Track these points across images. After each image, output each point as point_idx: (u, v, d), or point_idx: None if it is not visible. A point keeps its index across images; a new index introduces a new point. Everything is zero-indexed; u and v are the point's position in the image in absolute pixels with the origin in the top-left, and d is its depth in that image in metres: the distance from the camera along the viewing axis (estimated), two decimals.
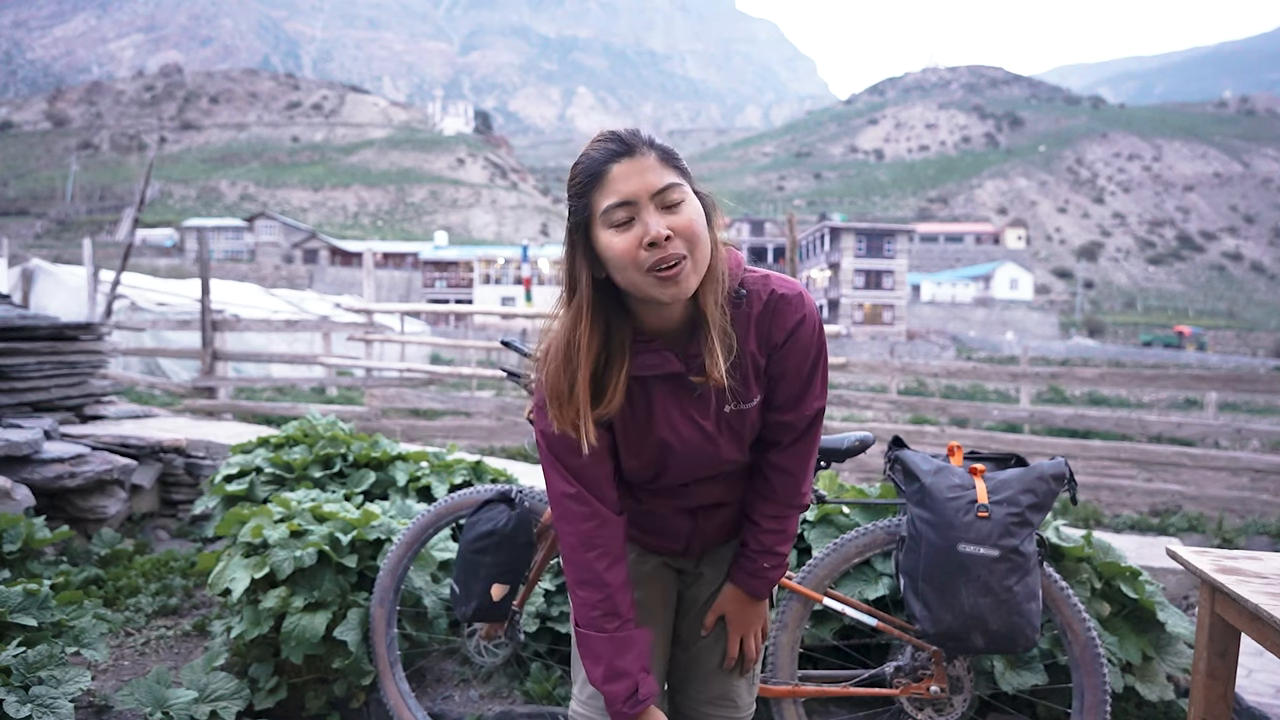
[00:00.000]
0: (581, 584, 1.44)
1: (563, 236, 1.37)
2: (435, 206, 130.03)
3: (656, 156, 1.28)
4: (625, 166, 1.26)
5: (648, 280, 1.27)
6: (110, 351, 6.03)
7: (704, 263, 1.30)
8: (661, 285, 1.26)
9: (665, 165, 1.28)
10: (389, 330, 11.77)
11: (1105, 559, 2.50)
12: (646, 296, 1.29)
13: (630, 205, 1.25)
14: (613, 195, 1.26)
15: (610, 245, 1.27)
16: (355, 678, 2.56)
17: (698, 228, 1.27)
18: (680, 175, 1.30)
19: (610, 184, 1.26)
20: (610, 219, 1.26)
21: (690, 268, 1.27)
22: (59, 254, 51.29)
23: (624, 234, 1.26)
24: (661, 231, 1.24)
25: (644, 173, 1.26)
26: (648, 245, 1.25)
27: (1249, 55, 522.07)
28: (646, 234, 1.24)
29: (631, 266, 1.26)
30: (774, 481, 1.52)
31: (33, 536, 3.27)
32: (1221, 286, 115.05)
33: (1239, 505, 5.86)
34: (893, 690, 2.14)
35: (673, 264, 1.25)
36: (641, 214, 1.25)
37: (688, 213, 1.27)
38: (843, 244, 61.38)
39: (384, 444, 3.75)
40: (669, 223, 1.25)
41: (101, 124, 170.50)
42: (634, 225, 1.26)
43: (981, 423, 9.33)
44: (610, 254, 1.28)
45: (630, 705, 1.40)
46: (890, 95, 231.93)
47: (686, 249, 1.26)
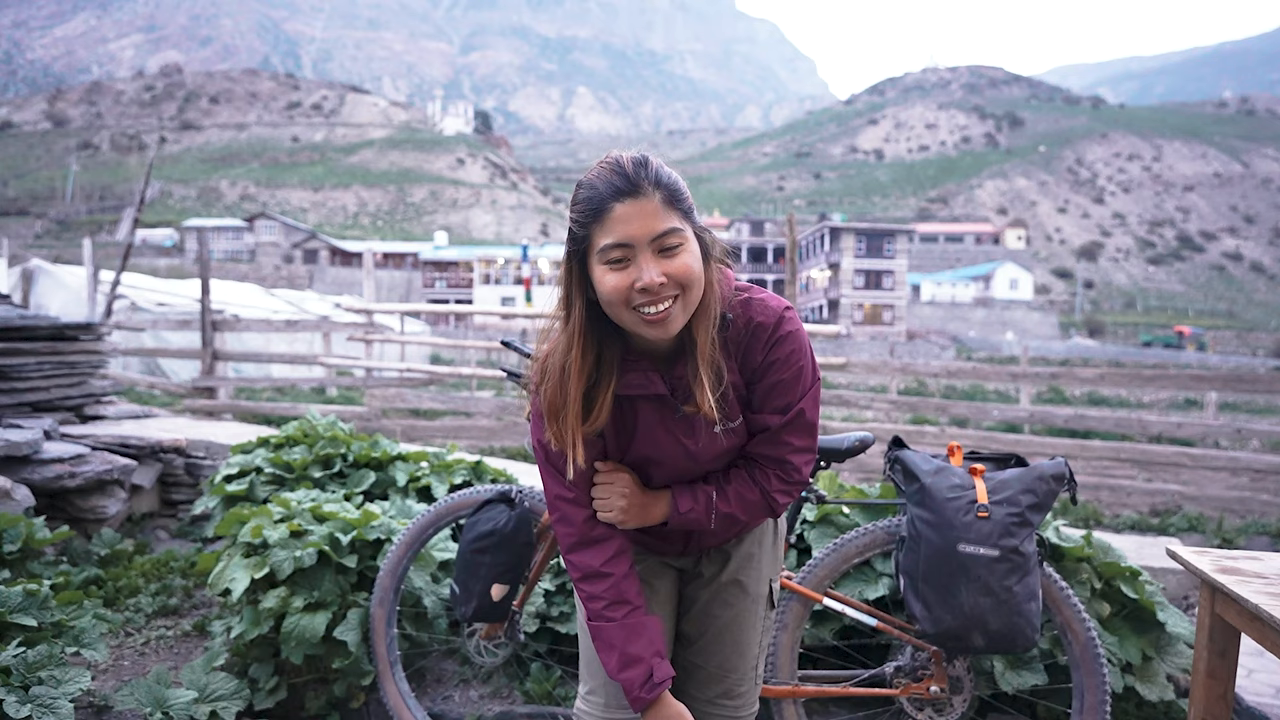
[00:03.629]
0: (585, 579, 1.47)
1: (563, 237, 1.39)
2: (435, 206, 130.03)
3: (661, 199, 1.28)
4: (628, 208, 1.27)
5: (635, 319, 1.30)
6: (110, 351, 6.03)
7: (694, 303, 1.32)
8: (648, 326, 1.30)
9: (669, 208, 1.29)
10: (389, 330, 11.76)
11: (1105, 559, 2.50)
12: (633, 332, 1.33)
13: (627, 248, 1.27)
14: (611, 235, 1.27)
15: (603, 281, 1.29)
16: (355, 678, 2.56)
17: (693, 272, 1.29)
18: (682, 218, 1.31)
19: (611, 223, 1.27)
20: (607, 256, 1.28)
21: (679, 309, 1.30)
22: (59, 254, 51.31)
23: (618, 273, 1.28)
24: (655, 279, 1.26)
25: (645, 217, 1.27)
26: (639, 290, 1.27)
27: (1249, 55, 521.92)
28: (639, 279, 1.26)
29: (621, 305, 1.29)
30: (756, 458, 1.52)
31: (33, 536, 3.27)
32: (1221, 286, 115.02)
33: (1239, 505, 5.86)
34: (893, 690, 2.14)
35: (661, 307, 1.28)
36: (638, 257, 1.27)
37: (684, 258, 1.29)
38: (843, 244, 61.37)
39: (384, 444, 3.75)
40: (664, 268, 1.27)
41: (101, 124, 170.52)
42: (629, 267, 1.28)
43: (981, 423, 9.34)
44: (602, 289, 1.30)
45: (647, 690, 1.42)
46: (890, 95, 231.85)
47: (678, 291, 1.29)
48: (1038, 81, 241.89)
